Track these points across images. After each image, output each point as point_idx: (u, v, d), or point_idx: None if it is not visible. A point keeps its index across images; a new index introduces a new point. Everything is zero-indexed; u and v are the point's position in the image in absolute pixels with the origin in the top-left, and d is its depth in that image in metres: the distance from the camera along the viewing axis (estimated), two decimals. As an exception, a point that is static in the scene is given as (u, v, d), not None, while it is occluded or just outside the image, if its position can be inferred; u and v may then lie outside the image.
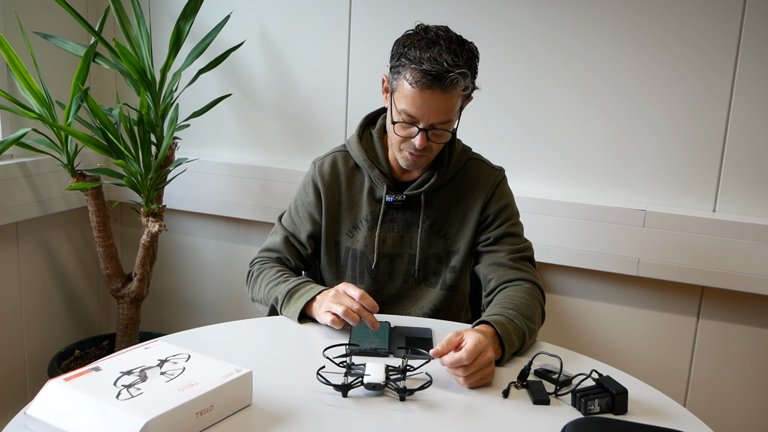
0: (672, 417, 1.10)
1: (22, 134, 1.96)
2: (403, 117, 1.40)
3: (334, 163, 1.58)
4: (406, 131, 1.42)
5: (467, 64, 1.36)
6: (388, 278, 1.57)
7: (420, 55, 1.33)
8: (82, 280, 2.56)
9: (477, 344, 1.15)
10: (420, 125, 1.39)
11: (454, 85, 1.34)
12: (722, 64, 1.86)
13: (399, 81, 1.38)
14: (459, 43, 1.37)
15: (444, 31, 1.38)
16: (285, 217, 1.63)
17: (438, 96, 1.35)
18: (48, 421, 0.94)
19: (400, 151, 1.46)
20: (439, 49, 1.33)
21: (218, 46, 2.24)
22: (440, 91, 1.34)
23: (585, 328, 2.12)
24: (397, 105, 1.40)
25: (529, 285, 1.44)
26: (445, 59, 1.32)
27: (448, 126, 1.41)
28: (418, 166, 1.49)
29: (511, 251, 1.50)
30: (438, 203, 1.54)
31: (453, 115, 1.40)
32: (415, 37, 1.37)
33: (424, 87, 1.34)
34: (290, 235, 1.60)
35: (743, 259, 1.85)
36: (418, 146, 1.40)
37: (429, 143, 1.42)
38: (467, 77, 1.35)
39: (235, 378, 1.03)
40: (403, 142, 1.44)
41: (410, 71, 1.35)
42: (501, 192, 1.55)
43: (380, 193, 1.54)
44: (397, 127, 1.42)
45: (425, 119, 1.38)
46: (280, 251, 1.59)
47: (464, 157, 1.56)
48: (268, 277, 1.51)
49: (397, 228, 1.55)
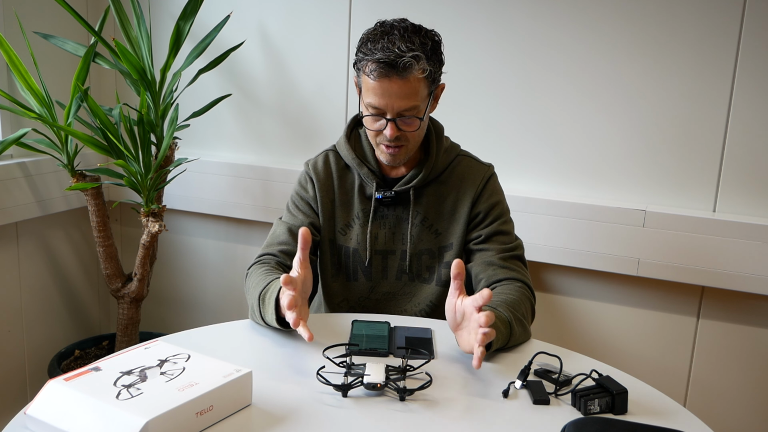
0: (672, 417, 1.10)
1: (22, 134, 1.96)
2: (370, 110, 1.42)
3: (326, 162, 1.59)
4: (376, 124, 1.44)
5: (422, 47, 1.37)
6: (381, 275, 1.57)
7: (373, 47, 1.37)
8: (82, 280, 2.56)
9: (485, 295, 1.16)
10: (387, 116, 1.41)
11: (408, 68, 1.35)
12: (722, 64, 1.86)
13: (361, 76, 1.42)
14: (413, 31, 1.39)
15: (399, 22, 1.42)
16: (284, 215, 1.62)
17: (396, 82, 1.37)
18: (48, 421, 0.94)
19: (378, 146, 1.49)
20: (392, 38, 1.37)
21: (218, 46, 2.24)
22: (397, 76, 1.36)
23: (585, 328, 2.12)
24: (364, 100, 1.43)
25: (519, 284, 1.44)
26: (398, 46, 1.35)
27: (416, 112, 1.42)
28: (399, 160, 1.49)
29: (501, 250, 1.51)
30: (427, 199, 1.55)
31: (418, 101, 1.40)
32: (371, 32, 1.41)
33: (381, 76, 1.36)
34: (294, 226, 1.54)
35: (743, 259, 1.85)
36: (390, 136, 1.42)
37: (402, 133, 1.43)
38: (421, 59, 1.37)
39: (235, 378, 1.03)
40: (378, 136, 1.46)
41: (367, 64, 1.38)
42: (491, 188, 1.56)
43: (370, 190, 1.55)
44: (367, 121, 1.46)
45: (390, 108, 1.40)
46: (283, 243, 1.52)
47: (452, 152, 1.57)
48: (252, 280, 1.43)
49: (388, 224, 1.55)
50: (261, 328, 1.38)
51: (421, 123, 1.44)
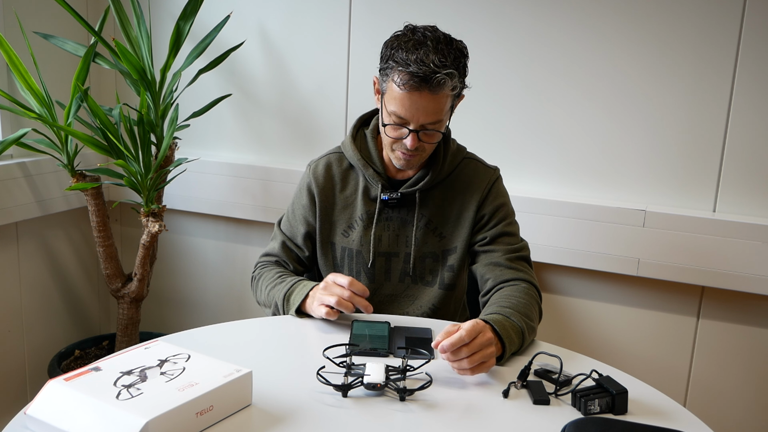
0: (672, 417, 1.10)
1: (22, 134, 1.96)
2: (393, 119, 1.40)
3: (328, 166, 1.59)
4: (397, 133, 1.43)
5: (454, 63, 1.35)
6: (384, 277, 1.57)
7: (407, 57, 1.33)
8: (82, 280, 2.56)
9: (474, 325, 1.17)
10: (410, 126, 1.40)
11: (441, 85, 1.34)
12: (722, 64, 1.86)
13: (388, 83, 1.39)
14: (446, 43, 1.36)
15: (431, 31, 1.38)
16: (283, 221, 1.66)
17: (426, 97, 1.35)
18: (48, 421, 0.94)
19: (393, 151, 1.48)
20: (426, 50, 1.33)
21: (218, 46, 2.24)
22: (428, 92, 1.34)
23: (585, 328, 2.12)
24: (387, 107, 1.41)
25: (525, 285, 1.44)
26: (432, 60, 1.32)
27: (439, 126, 1.41)
28: (412, 166, 1.50)
29: (507, 251, 1.50)
30: (433, 201, 1.54)
31: (443, 115, 1.41)
32: (402, 39, 1.38)
33: (412, 89, 1.34)
34: (288, 239, 1.63)
35: (743, 259, 1.85)
36: (410, 147, 1.41)
37: (421, 143, 1.43)
38: (455, 77, 1.35)
39: (235, 378, 1.03)
40: (395, 143, 1.45)
41: (398, 73, 1.35)
42: (496, 191, 1.55)
43: (375, 192, 1.55)
44: (388, 128, 1.43)
45: (415, 120, 1.38)
46: (278, 256, 1.63)
47: (459, 156, 1.57)
48: (267, 279, 1.55)
49: (393, 227, 1.55)
50: (261, 328, 1.39)
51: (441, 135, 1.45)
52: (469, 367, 1.16)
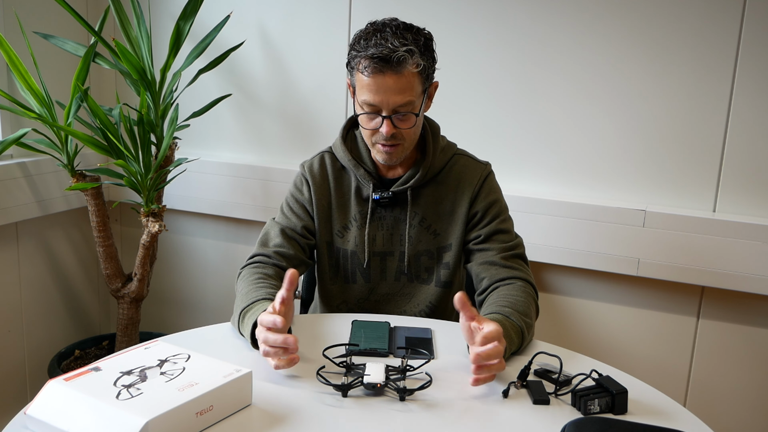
0: (672, 417, 1.10)
1: (22, 134, 1.96)
2: (365, 108, 1.42)
3: (323, 163, 1.58)
4: (372, 123, 1.43)
5: (414, 43, 1.37)
6: (380, 277, 1.57)
7: (366, 44, 1.37)
8: (82, 280, 2.56)
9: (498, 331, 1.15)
10: (383, 113, 1.40)
11: (402, 63, 1.35)
12: (722, 65, 1.86)
13: (355, 75, 1.42)
14: (405, 28, 1.40)
15: (390, 20, 1.42)
16: (278, 216, 1.60)
17: (391, 77, 1.36)
18: (48, 421, 0.94)
19: (374, 145, 1.47)
20: (384, 35, 1.37)
21: (218, 46, 2.24)
22: (392, 72, 1.36)
23: (585, 328, 2.12)
24: (358, 99, 1.42)
25: (522, 283, 1.44)
26: (390, 42, 1.35)
27: (411, 108, 1.41)
28: (395, 159, 1.48)
29: (502, 249, 1.50)
30: (425, 199, 1.54)
31: (413, 96, 1.40)
32: (363, 32, 1.41)
33: (375, 71, 1.36)
34: (288, 228, 1.55)
35: (743, 259, 1.85)
36: (386, 133, 1.41)
37: (398, 130, 1.42)
38: (415, 54, 1.36)
39: (235, 378, 1.03)
40: (374, 135, 1.45)
41: (360, 61, 1.38)
42: (489, 187, 1.55)
43: (367, 192, 1.54)
44: (363, 119, 1.44)
45: (385, 105, 1.39)
46: (277, 245, 1.52)
47: (449, 152, 1.57)
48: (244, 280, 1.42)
49: (386, 226, 1.55)
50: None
51: (417, 120, 1.44)
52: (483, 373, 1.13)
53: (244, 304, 1.32)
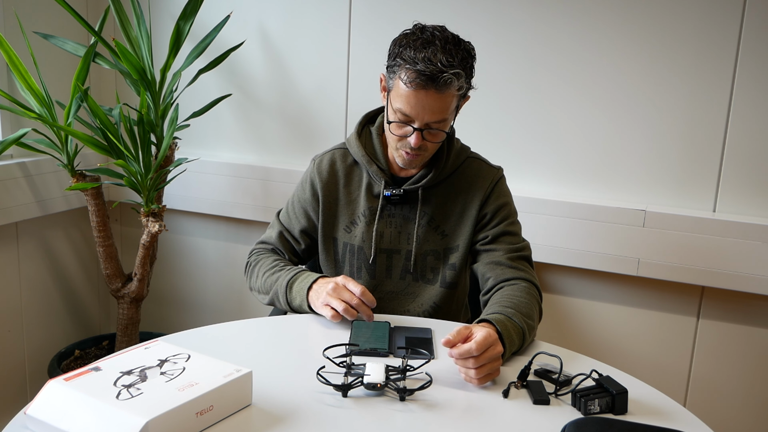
0: (672, 417, 1.10)
1: (22, 134, 1.96)
2: (398, 116, 1.41)
3: (333, 161, 1.60)
4: (401, 130, 1.43)
5: (462, 64, 1.36)
6: (385, 274, 1.57)
7: (415, 55, 1.34)
8: (82, 280, 2.56)
9: (487, 337, 1.16)
10: (415, 125, 1.40)
11: (448, 85, 1.34)
12: (722, 64, 1.86)
13: (395, 80, 1.39)
14: (454, 43, 1.37)
15: (440, 31, 1.38)
16: (282, 212, 1.68)
17: (432, 96, 1.36)
18: (48, 421, 0.94)
19: (397, 149, 1.48)
20: (434, 49, 1.33)
21: (218, 46, 2.24)
22: (435, 91, 1.35)
23: (585, 328, 2.12)
24: (393, 104, 1.41)
25: (526, 284, 1.45)
26: (440, 59, 1.32)
27: (443, 125, 1.42)
28: (415, 165, 1.50)
29: (508, 250, 1.51)
30: (436, 199, 1.55)
31: (448, 115, 1.41)
32: (411, 37, 1.38)
33: (419, 87, 1.34)
34: (285, 230, 1.64)
35: (743, 259, 1.85)
36: (414, 145, 1.41)
37: (424, 143, 1.43)
38: (461, 77, 1.36)
39: (235, 378, 1.03)
40: (399, 141, 1.45)
41: (405, 71, 1.36)
42: (499, 190, 1.55)
43: (378, 188, 1.55)
44: (393, 126, 1.44)
45: (420, 119, 1.39)
46: (274, 244, 1.64)
47: (463, 155, 1.57)
48: (265, 266, 1.56)
49: (395, 223, 1.55)
50: (261, 328, 1.39)
51: (446, 132, 1.45)
52: (476, 377, 1.16)
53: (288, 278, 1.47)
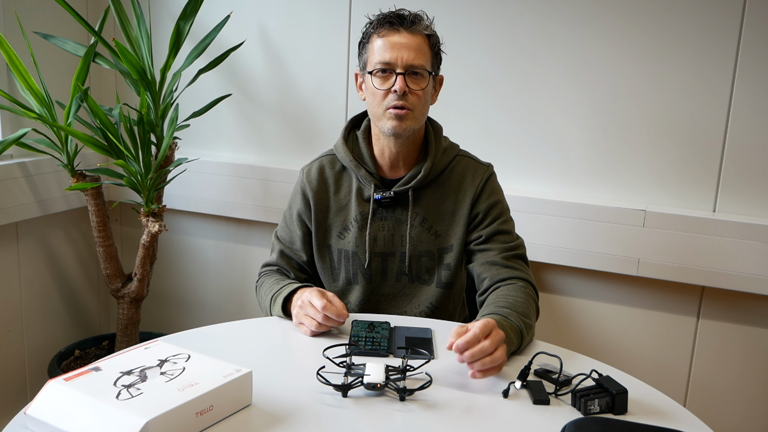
0: (672, 417, 1.10)
1: (22, 134, 1.97)
2: (379, 67, 1.45)
3: (321, 169, 1.59)
4: (386, 82, 1.45)
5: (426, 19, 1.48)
6: (381, 277, 1.57)
7: (381, 17, 1.47)
8: (82, 280, 2.56)
9: (486, 324, 1.17)
10: (397, 70, 1.44)
11: (416, 23, 1.45)
12: (722, 64, 1.86)
13: (369, 47, 1.47)
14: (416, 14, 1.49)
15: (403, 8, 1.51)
16: (280, 229, 1.66)
17: (405, 35, 1.44)
18: (48, 421, 0.94)
19: (384, 112, 1.46)
20: (398, 11, 1.48)
21: (218, 46, 2.24)
22: (406, 31, 1.44)
23: (585, 328, 2.12)
24: (372, 62, 1.47)
25: (522, 283, 1.45)
26: (404, 11, 1.47)
27: (424, 67, 1.45)
28: (405, 127, 1.46)
29: (503, 249, 1.51)
30: (427, 200, 1.55)
31: (425, 61, 1.45)
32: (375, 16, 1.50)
33: (390, 29, 1.44)
34: (285, 247, 1.63)
35: (743, 259, 1.85)
36: (399, 90, 1.42)
37: (409, 94, 1.44)
38: (425, 20, 1.47)
39: (235, 378, 1.03)
40: (385, 98, 1.45)
41: (375, 29, 1.46)
42: (490, 188, 1.55)
43: (368, 192, 1.55)
44: (376, 81, 1.46)
45: (400, 60, 1.43)
46: (279, 264, 1.64)
47: (451, 153, 1.57)
48: (266, 286, 1.56)
49: (388, 226, 1.55)
50: (261, 328, 1.39)
51: (428, 85, 1.47)
52: (500, 361, 1.15)
53: (272, 292, 1.49)
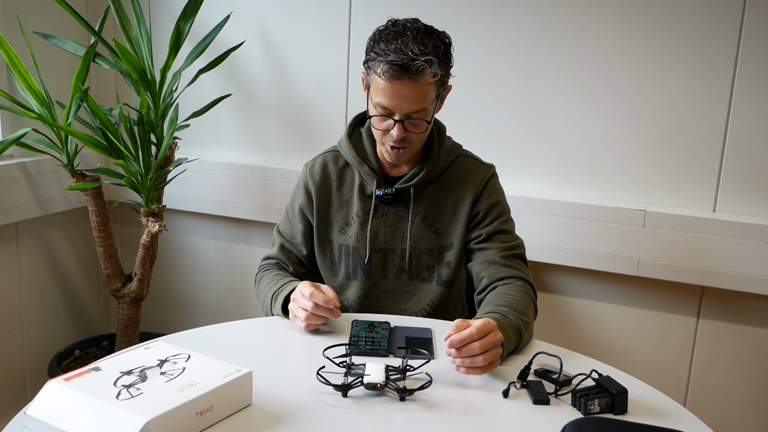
0: (672, 417, 1.10)
1: (22, 134, 1.97)
2: (378, 110, 1.42)
3: (324, 164, 1.60)
4: (383, 124, 1.44)
5: (434, 51, 1.37)
6: (381, 273, 1.58)
7: (387, 47, 1.36)
8: (82, 280, 2.56)
9: (485, 323, 1.17)
10: (395, 117, 1.41)
11: (421, 72, 1.35)
12: (722, 64, 1.86)
13: (372, 76, 1.42)
14: (426, 33, 1.39)
15: (411, 23, 1.41)
16: (281, 223, 1.67)
17: (408, 85, 1.37)
18: (48, 421, 0.94)
19: (383, 144, 1.49)
20: (405, 40, 1.36)
21: (218, 46, 2.24)
22: (409, 80, 1.36)
23: (585, 328, 2.12)
24: (372, 99, 1.43)
25: (520, 282, 1.45)
26: (411, 48, 1.35)
27: (424, 115, 1.42)
28: (402, 160, 1.50)
29: (502, 249, 1.51)
30: (428, 197, 1.55)
31: (427, 104, 1.41)
32: (383, 32, 1.41)
33: (393, 77, 1.36)
34: (286, 241, 1.63)
35: (743, 259, 1.85)
36: (396, 137, 1.42)
37: (408, 134, 1.44)
38: (434, 64, 1.37)
39: (235, 378, 1.03)
40: (384, 136, 1.46)
41: (379, 64, 1.38)
42: (491, 188, 1.56)
43: (370, 188, 1.56)
44: (374, 120, 1.46)
45: (399, 109, 1.40)
46: (278, 258, 1.64)
47: (454, 152, 1.58)
48: (265, 281, 1.56)
49: (389, 223, 1.56)
50: (261, 328, 1.39)
51: (428, 125, 1.46)
52: (482, 364, 1.16)
53: (273, 290, 1.48)
